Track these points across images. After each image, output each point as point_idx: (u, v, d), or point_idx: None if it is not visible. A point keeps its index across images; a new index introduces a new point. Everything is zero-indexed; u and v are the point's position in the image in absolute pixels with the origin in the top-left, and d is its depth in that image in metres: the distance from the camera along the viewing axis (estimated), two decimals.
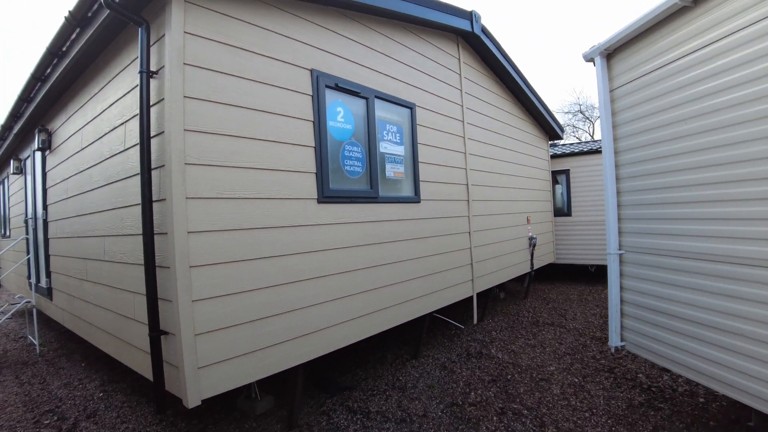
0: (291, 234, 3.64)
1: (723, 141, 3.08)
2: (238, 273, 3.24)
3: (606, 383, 4.61)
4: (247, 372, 3.28)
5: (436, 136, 5.59)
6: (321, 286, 3.88)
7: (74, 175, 4.91)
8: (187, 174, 2.96)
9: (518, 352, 5.69)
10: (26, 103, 5.92)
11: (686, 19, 3.32)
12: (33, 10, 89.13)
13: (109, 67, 4.02)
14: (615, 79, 4.10)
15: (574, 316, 7.29)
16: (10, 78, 60.95)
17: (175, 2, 3.00)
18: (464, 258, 6.03)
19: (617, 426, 3.74)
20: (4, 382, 5.32)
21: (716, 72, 3.11)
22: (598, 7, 58.42)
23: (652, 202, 3.82)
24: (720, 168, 3.12)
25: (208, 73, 3.15)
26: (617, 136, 4.16)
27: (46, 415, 4.41)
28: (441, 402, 4.36)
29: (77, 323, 5.20)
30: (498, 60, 6.88)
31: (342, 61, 4.28)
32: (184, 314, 2.89)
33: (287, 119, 3.68)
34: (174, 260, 2.89)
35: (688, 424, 3.70)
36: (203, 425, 4.05)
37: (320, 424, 4.01)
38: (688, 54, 3.32)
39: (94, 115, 4.35)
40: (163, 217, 3.04)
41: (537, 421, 3.89)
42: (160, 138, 3.04)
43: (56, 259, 5.88)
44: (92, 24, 3.66)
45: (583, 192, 9.95)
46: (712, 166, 3.17)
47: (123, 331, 3.86)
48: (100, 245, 4.20)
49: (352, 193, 4.25)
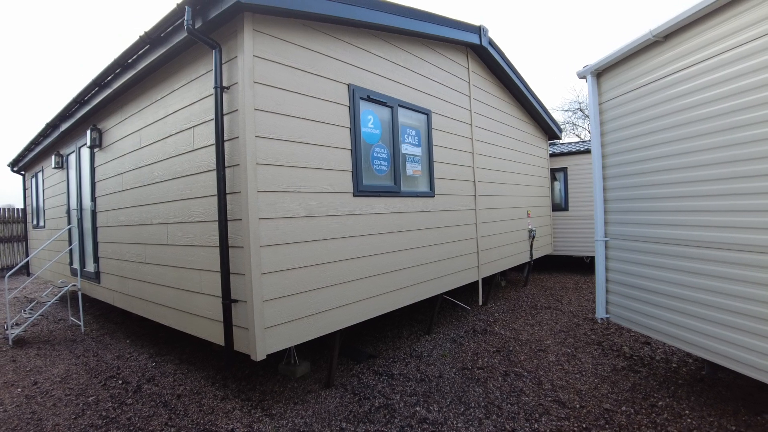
0: (333, 221, 4.37)
1: (687, 149, 3.82)
2: (294, 252, 3.98)
3: (595, 353, 5.35)
4: (300, 333, 4.02)
5: (448, 138, 6.32)
6: (356, 266, 4.62)
7: (131, 170, 5.61)
8: (258, 172, 3.69)
9: (519, 329, 6.44)
10: (79, 105, 6.61)
11: (658, 50, 4.06)
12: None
13: (172, 78, 4.72)
14: (603, 94, 4.82)
15: (569, 301, 8.06)
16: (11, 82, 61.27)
17: (247, 31, 3.70)
18: (471, 246, 6.77)
19: (602, 384, 4.49)
20: (62, 356, 6.01)
21: (682, 94, 3.85)
22: (597, 7, 59.01)
23: (632, 197, 4.55)
24: (686, 170, 3.85)
25: (272, 90, 3.86)
26: (604, 142, 4.88)
27: (110, 380, 5.10)
28: (453, 367, 5.10)
29: (131, 302, 5.89)
30: (503, 68, 7.60)
31: (372, 75, 4.99)
32: (255, 285, 3.62)
33: (330, 126, 4.40)
34: (249, 241, 3.61)
35: (661, 383, 4.46)
36: (252, 386, 4.76)
37: (353, 383, 4.73)
38: (660, 78, 4.06)
39: (155, 118, 5.04)
40: (236, 207, 3.76)
41: (535, 380, 4.64)
42: (235, 142, 3.75)
43: (105, 246, 6.58)
44: (164, 43, 4.36)
45: (580, 188, 10.72)
46: (680, 169, 3.90)
47: (187, 303, 4.57)
48: (163, 231, 4.91)
49: (380, 188, 4.97)
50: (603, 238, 4.90)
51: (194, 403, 4.40)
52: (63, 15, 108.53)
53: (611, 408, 3.99)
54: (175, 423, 4.00)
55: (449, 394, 4.42)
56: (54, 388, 4.87)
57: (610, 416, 3.84)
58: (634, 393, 4.28)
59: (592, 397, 4.24)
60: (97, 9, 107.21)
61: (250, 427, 3.87)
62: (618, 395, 4.24)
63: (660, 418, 3.76)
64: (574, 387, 4.47)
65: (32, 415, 4.24)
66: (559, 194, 11.14)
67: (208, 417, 4.09)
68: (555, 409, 4.03)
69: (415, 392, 4.48)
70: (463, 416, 3.97)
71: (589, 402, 4.13)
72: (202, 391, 4.67)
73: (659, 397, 4.17)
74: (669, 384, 4.44)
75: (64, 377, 5.18)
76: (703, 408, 3.90)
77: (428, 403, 4.24)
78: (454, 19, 6.06)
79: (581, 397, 4.24)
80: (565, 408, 4.03)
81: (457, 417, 3.96)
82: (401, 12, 5.01)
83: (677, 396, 4.17)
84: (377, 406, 4.20)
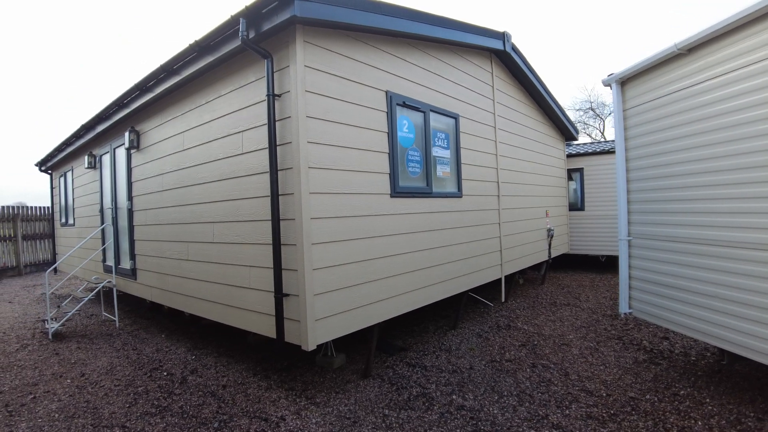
0: (373, 221, 4.65)
1: (710, 155, 4.06)
2: (339, 249, 4.25)
3: (616, 347, 5.60)
4: (344, 326, 4.30)
5: (474, 141, 6.59)
6: (393, 262, 4.89)
7: (173, 171, 5.89)
8: (309, 175, 3.96)
9: (541, 325, 6.69)
10: (118, 107, 6.90)
11: (682, 62, 4.31)
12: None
13: (219, 84, 4.99)
14: (627, 101, 5.07)
15: (587, 299, 8.31)
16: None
17: (299, 42, 3.97)
18: (495, 245, 7.04)
19: (625, 375, 4.75)
20: (102, 349, 6.29)
21: (705, 103, 4.09)
22: (608, 6, 58.99)
23: (655, 199, 4.80)
24: (707, 175, 4.10)
25: (321, 98, 4.13)
26: (628, 147, 5.13)
27: (155, 371, 5.36)
28: (482, 359, 5.36)
29: (171, 297, 6.17)
30: (524, 72, 7.86)
31: (407, 82, 5.26)
32: (308, 280, 3.90)
33: (370, 131, 4.68)
34: (301, 239, 3.89)
35: (681, 374, 4.71)
36: (293, 376, 5.03)
37: (388, 374, 5.00)
38: (684, 88, 4.30)
39: (200, 122, 5.31)
40: (288, 207, 4.04)
41: (562, 371, 4.90)
42: (287, 147, 4.02)
43: (143, 244, 6.87)
44: (213, 51, 4.63)
45: (596, 189, 10.96)
46: (702, 173, 4.15)
47: (234, 298, 4.84)
48: (209, 230, 5.19)
49: (413, 189, 5.24)
50: (626, 237, 5.15)
51: (240, 392, 4.66)
52: (63, 15, 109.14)
53: (636, 396, 4.24)
54: (226, 411, 4.26)
55: (482, 384, 4.69)
56: (102, 379, 5.14)
57: (636, 404, 4.09)
58: (657, 383, 4.52)
59: (617, 386, 4.49)
60: (97, 9, 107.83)
61: (298, 414, 4.13)
62: (641, 385, 4.49)
63: (683, 406, 4.01)
64: (599, 378, 4.72)
65: (86, 404, 4.51)
66: (575, 194, 11.38)
67: (256, 405, 4.35)
68: (583, 397, 4.28)
69: (449, 382, 4.74)
70: (498, 404, 4.23)
71: (615, 391, 4.38)
72: (245, 382, 4.93)
73: (680, 386, 4.42)
74: (689, 375, 4.68)
75: (109, 369, 5.44)
76: (723, 397, 4.15)
77: (463, 392, 4.51)
78: (480, 27, 6.32)
79: (607, 386, 4.50)
80: (593, 396, 4.29)
81: (492, 404, 4.22)
82: (435, 22, 5.28)
83: (697, 386, 4.41)
84: (415, 395, 4.46)
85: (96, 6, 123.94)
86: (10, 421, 4.14)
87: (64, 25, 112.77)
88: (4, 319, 8.23)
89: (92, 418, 4.20)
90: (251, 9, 3.91)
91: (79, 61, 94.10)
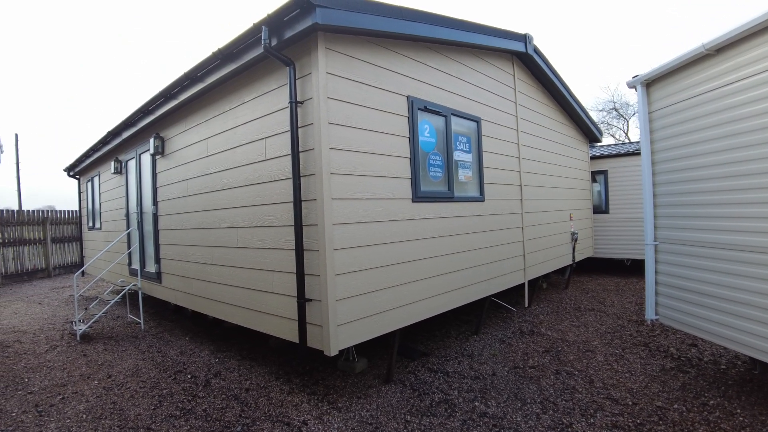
0: (395, 226, 4.65)
1: (738, 158, 3.96)
2: (361, 254, 4.26)
3: (642, 354, 5.50)
4: (366, 331, 4.30)
5: (496, 144, 6.54)
6: (415, 268, 4.88)
7: (197, 177, 5.97)
8: (332, 181, 3.98)
9: (565, 330, 6.60)
10: (143, 114, 7.03)
11: (710, 63, 4.22)
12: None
13: (242, 91, 5.05)
14: (653, 103, 4.98)
15: (612, 304, 8.18)
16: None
17: (321, 49, 4.00)
18: (518, 249, 6.97)
19: (652, 383, 4.65)
20: (127, 351, 6.40)
21: (734, 105, 3.99)
22: (630, 4, 58.16)
23: (682, 203, 4.70)
24: (735, 178, 3.99)
25: (342, 104, 4.15)
26: (654, 150, 5.04)
27: (179, 374, 5.43)
28: (505, 366, 5.31)
29: (195, 301, 6.25)
30: (546, 74, 7.79)
31: (428, 86, 5.25)
32: (330, 285, 3.91)
33: (392, 137, 4.68)
34: (324, 245, 3.91)
35: (710, 383, 4.59)
36: (314, 381, 5.05)
37: (410, 379, 4.99)
38: (712, 89, 4.20)
39: (223, 128, 5.38)
40: (311, 213, 4.06)
41: (587, 379, 4.83)
42: (310, 153, 4.05)
43: (168, 248, 6.97)
44: (236, 59, 4.68)
45: (620, 191, 10.80)
46: (730, 177, 4.05)
47: (257, 302, 4.89)
48: (233, 235, 5.25)
49: (435, 194, 5.23)
50: (653, 242, 5.05)
51: (263, 396, 4.70)
52: (63, 15, 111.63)
53: (663, 406, 4.16)
54: (249, 414, 4.30)
55: (505, 390, 4.64)
56: (128, 381, 5.23)
57: (663, 413, 4.01)
58: (685, 392, 4.43)
59: (643, 395, 4.40)
60: (97, 9, 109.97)
61: (320, 419, 4.15)
62: (669, 394, 4.40)
63: (712, 416, 3.91)
64: (624, 385, 4.63)
65: (113, 405, 4.59)
66: (599, 197, 11.22)
67: (278, 409, 4.38)
68: (608, 405, 4.21)
69: (472, 389, 4.71)
70: (521, 411, 4.18)
71: (641, 399, 4.30)
72: (268, 386, 4.96)
73: (710, 396, 4.31)
74: (719, 384, 4.57)
75: (134, 371, 5.53)
76: (754, 407, 4.03)
77: (486, 398, 4.47)
78: (501, 29, 6.27)
79: (633, 395, 4.41)
80: (618, 405, 4.21)
81: (516, 412, 4.18)
82: (456, 25, 5.26)
83: (728, 395, 4.30)
84: (437, 401, 4.44)
85: (96, 6, 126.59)
86: (40, 421, 4.24)
87: (65, 25, 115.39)
88: (35, 320, 8.44)
89: (118, 419, 4.27)
90: (273, 17, 3.94)
91: (79, 61, 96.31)
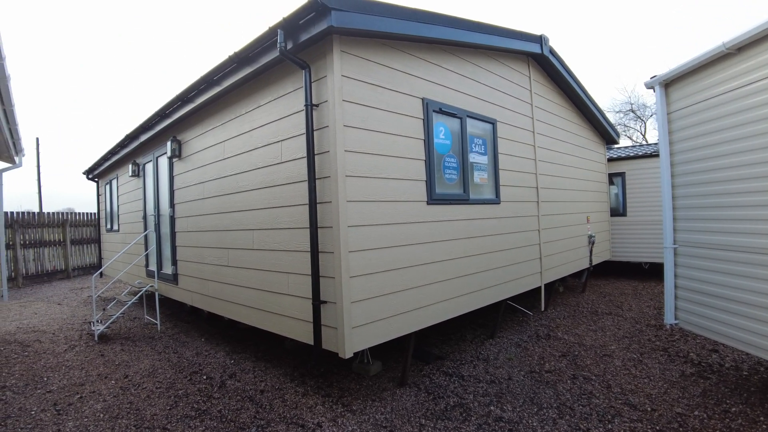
0: (410, 228, 4.64)
1: (761, 159, 3.87)
2: (376, 257, 4.26)
3: (661, 359, 5.41)
4: (381, 333, 4.29)
5: (512, 146, 6.50)
6: (430, 270, 4.87)
7: (213, 180, 6.01)
8: (347, 183, 3.99)
9: (582, 335, 6.53)
10: (160, 118, 7.10)
11: (731, 62, 4.14)
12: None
13: (258, 94, 5.08)
14: (672, 104, 4.91)
15: (629, 308, 8.07)
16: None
17: (336, 52, 4.01)
18: (534, 252, 6.91)
19: (672, 389, 4.57)
20: (144, 351, 6.46)
21: (756, 105, 3.91)
22: (646, 4, 57.55)
23: (702, 205, 4.62)
24: (759, 180, 3.91)
25: (357, 107, 4.16)
26: (673, 151, 4.96)
27: (194, 375, 5.47)
28: (521, 370, 5.26)
29: (211, 302, 6.29)
30: (562, 75, 7.72)
31: (443, 88, 5.24)
32: (345, 287, 3.91)
33: (407, 139, 4.67)
34: (339, 247, 3.91)
35: (732, 389, 4.50)
36: (329, 383, 5.05)
37: (425, 383, 4.96)
38: (733, 89, 4.12)
39: (239, 132, 5.42)
40: (326, 215, 4.07)
41: (604, 384, 4.76)
42: (325, 156, 4.06)
43: (184, 250, 7.03)
44: (252, 63, 4.71)
45: (638, 193, 10.65)
46: (753, 178, 3.97)
47: (272, 304, 4.91)
48: (249, 237, 5.27)
49: (450, 196, 5.21)
50: (672, 245, 4.97)
51: (277, 398, 4.71)
52: (63, 15, 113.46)
53: (683, 412, 4.08)
54: (264, 416, 4.31)
55: (521, 395, 4.60)
56: (144, 381, 5.28)
57: (683, 420, 3.93)
58: (706, 398, 4.34)
59: (662, 401, 4.32)
60: (97, 9, 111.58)
61: (335, 422, 4.14)
62: (689, 400, 4.31)
63: (734, 424, 3.83)
64: (643, 391, 4.56)
65: (129, 405, 4.64)
66: (616, 199, 11.09)
67: (293, 411, 4.39)
68: (627, 411, 4.15)
69: (487, 393, 4.67)
70: (537, 416, 4.14)
71: (661, 406, 4.22)
72: (282, 387, 4.97)
73: (732, 403, 4.22)
74: (741, 391, 4.47)
75: (151, 371, 5.58)
76: None
77: (501, 403, 4.43)
78: (517, 30, 6.24)
79: (652, 400, 4.34)
80: (637, 411, 4.14)
81: (532, 417, 4.13)
82: (470, 27, 5.25)
83: (750, 403, 4.21)
84: (452, 405, 4.41)
85: (96, 6, 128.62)
86: (58, 419, 4.30)
87: (65, 26, 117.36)
88: (54, 320, 8.57)
89: (135, 419, 4.32)
90: (288, 20, 3.96)
91: (79, 61, 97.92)
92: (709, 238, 4.50)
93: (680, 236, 4.95)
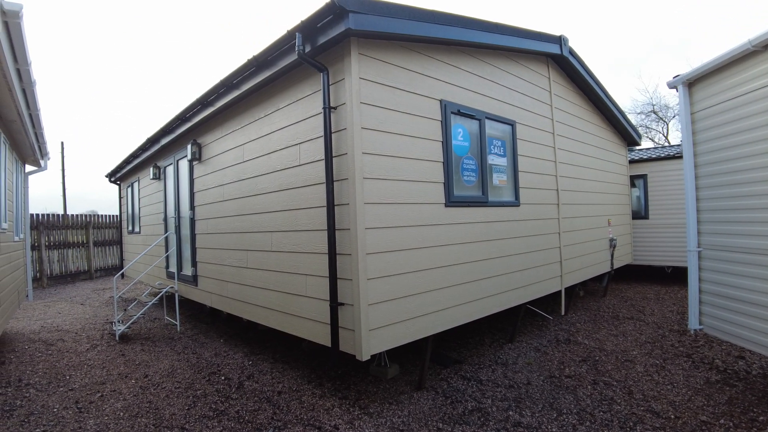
0: (427, 231, 4.62)
1: None
2: (393, 259, 4.25)
3: (685, 365, 5.29)
4: (398, 336, 4.27)
5: (531, 147, 6.44)
6: (448, 273, 4.84)
7: (233, 182, 6.06)
8: (364, 185, 3.99)
9: (602, 339, 6.42)
10: (181, 121, 7.19)
11: (757, 60, 4.03)
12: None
13: (276, 98, 5.11)
14: (695, 104, 4.81)
15: (652, 312, 7.92)
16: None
17: (354, 55, 4.01)
18: (554, 256, 6.83)
19: (696, 396, 4.46)
20: (164, 352, 6.53)
21: None
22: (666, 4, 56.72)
23: (727, 207, 4.51)
24: None
25: (375, 109, 4.16)
26: (697, 152, 4.86)
27: (213, 376, 5.51)
28: (540, 375, 5.19)
29: (230, 304, 6.34)
30: (582, 76, 7.62)
31: (461, 90, 5.21)
32: (362, 289, 3.91)
33: (425, 141, 4.66)
34: (356, 249, 3.91)
35: (760, 398, 4.37)
36: (346, 385, 5.04)
37: (442, 387, 4.93)
38: (760, 87, 4.02)
39: (259, 134, 5.46)
40: (343, 217, 4.07)
41: (625, 390, 4.67)
42: (343, 158, 4.06)
43: (204, 251, 7.10)
44: (270, 66, 4.74)
45: (661, 196, 10.46)
46: None
47: (291, 306, 4.92)
48: (268, 239, 5.30)
49: (469, 199, 5.17)
50: (696, 249, 4.87)
51: (294, 399, 4.71)
52: (62, 15, 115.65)
53: (708, 420, 3.97)
54: (281, 418, 4.32)
55: (540, 400, 4.53)
56: (163, 381, 5.33)
57: (708, 428, 3.83)
58: (732, 406, 4.22)
59: (686, 408, 4.22)
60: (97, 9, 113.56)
61: (351, 424, 4.13)
62: (714, 408, 4.21)
63: None
64: (666, 398, 4.46)
65: (149, 404, 4.69)
66: (638, 202, 10.91)
67: (310, 413, 4.39)
68: (649, 418, 4.06)
69: (506, 397, 4.61)
70: (557, 422, 4.07)
71: (684, 413, 4.12)
72: (300, 389, 4.98)
73: (759, 411, 4.10)
74: None
75: (170, 372, 5.64)
76: None
77: (520, 408, 4.37)
78: (536, 31, 6.18)
79: (675, 408, 4.24)
80: (660, 418, 4.05)
81: (551, 422, 4.07)
82: (490, 28, 5.21)
83: None
84: (470, 409, 4.37)
85: (96, 5, 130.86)
86: (80, 417, 4.37)
87: (65, 26, 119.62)
88: (77, 320, 8.73)
89: (154, 418, 4.36)
90: (306, 23, 3.98)
91: (81, 62, 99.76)
92: (736, 241, 4.40)
93: (705, 239, 4.84)
